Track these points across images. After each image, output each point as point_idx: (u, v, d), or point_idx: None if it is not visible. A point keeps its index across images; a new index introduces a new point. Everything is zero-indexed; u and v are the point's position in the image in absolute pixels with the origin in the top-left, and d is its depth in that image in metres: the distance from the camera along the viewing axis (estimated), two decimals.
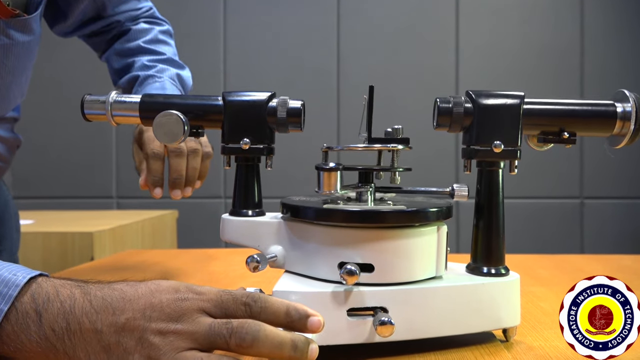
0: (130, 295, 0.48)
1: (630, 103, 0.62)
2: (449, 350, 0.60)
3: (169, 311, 0.47)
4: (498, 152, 0.61)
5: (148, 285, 0.49)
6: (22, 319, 0.46)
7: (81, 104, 0.71)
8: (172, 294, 0.48)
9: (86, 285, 0.49)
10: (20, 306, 0.46)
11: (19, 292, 0.46)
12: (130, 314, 0.46)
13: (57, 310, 0.46)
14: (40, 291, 0.47)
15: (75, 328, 0.46)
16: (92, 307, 0.47)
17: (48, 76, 2.32)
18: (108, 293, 0.48)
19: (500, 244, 0.63)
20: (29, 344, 0.46)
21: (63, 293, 0.47)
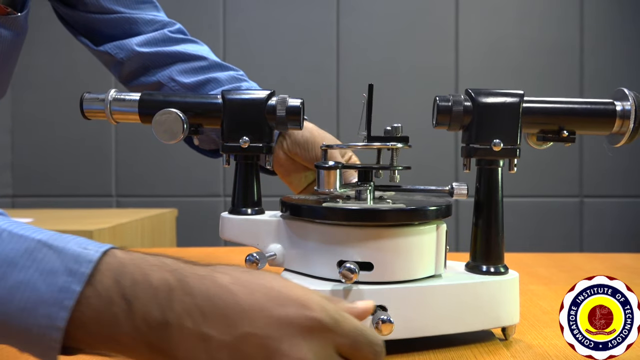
0: (245, 302, 0.40)
1: (630, 101, 0.62)
2: (448, 348, 0.60)
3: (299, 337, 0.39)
4: (497, 151, 0.61)
5: (266, 288, 0.41)
6: (106, 305, 0.39)
7: (80, 101, 0.71)
8: (302, 310, 0.40)
9: (179, 271, 0.41)
10: (104, 292, 0.39)
11: (95, 270, 0.39)
12: (249, 327, 0.39)
13: (150, 299, 0.39)
14: (124, 272, 0.40)
15: (175, 325, 0.39)
16: (195, 305, 0.39)
17: (48, 75, 2.32)
18: (214, 292, 0.40)
19: (500, 242, 0.63)
20: (117, 336, 0.39)
21: (154, 277, 0.40)
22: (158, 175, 2.31)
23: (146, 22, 0.91)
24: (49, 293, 0.38)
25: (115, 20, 0.90)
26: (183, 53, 0.89)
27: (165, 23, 0.93)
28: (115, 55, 0.90)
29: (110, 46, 0.90)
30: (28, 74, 2.25)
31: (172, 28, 0.92)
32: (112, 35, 0.91)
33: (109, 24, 0.90)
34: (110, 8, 0.89)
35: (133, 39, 0.89)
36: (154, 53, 0.89)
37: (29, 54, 0.86)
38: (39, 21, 0.90)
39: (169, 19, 0.95)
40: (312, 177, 0.82)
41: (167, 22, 0.93)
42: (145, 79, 0.89)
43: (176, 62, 0.89)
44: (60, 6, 0.91)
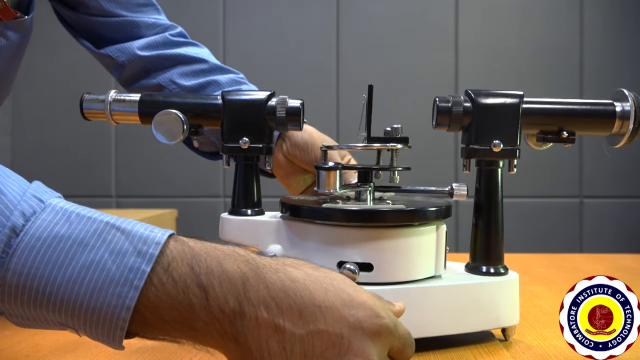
0: (319, 299, 0.42)
1: (629, 102, 0.62)
2: (448, 349, 0.60)
3: (368, 339, 0.42)
4: (497, 152, 0.61)
5: (337, 290, 0.43)
6: (182, 292, 0.39)
7: (80, 102, 0.71)
8: (371, 315, 0.43)
9: (254, 261, 0.43)
10: (178, 277, 0.39)
11: (169, 256, 0.40)
12: (322, 324, 0.41)
13: (227, 288, 0.40)
14: (198, 260, 0.40)
15: (251, 315, 0.40)
16: (272, 297, 0.41)
17: (47, 75, 2.32)
18: (289, 286, 0.42)
19: (500, 243, 0.63)
20: (192, 322, 0.40)
21: (229, 267, 0.41)
22: (158, 176, 2.31)
23: (148, 26, 0.91)
24: (119, 273, 0.39)
25: (117, 24, 0.90)
26: (184, 55, 0.89)
27: (166, 26, 0.93)
28: (117, 58, 0.89)
29: (112, 49, 0.90)
30: (28, 74, 2.25)
31: (173, 31, 0.92)
32: (113, 39, 0.91)
33: (110, 27, 0.90)
34: (112, 11, 0.89)
35: (135, 43, 0.89)
36: (154, 56, 0.89)
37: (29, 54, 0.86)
38: (39, 21, 0.90)
39: (170, 22, 0.95)
40: (311, 180, 0.82)
41: (169, 26, 0.93)
42: (146, 82, 0.89)
43: (177, 65, 0.89)
44: (62, 8, 0.91)
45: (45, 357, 0.57)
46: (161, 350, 0.59)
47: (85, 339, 0.63)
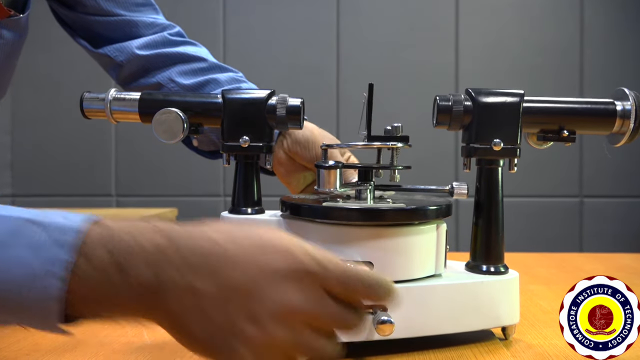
0: (230, 252, 0.41)
1: (630, 101, 0.62)
2: (448, 348, 0.60)
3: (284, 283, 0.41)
4: (497, 150, 0.61)
5: (249, 237, 0.43)
6: (101, 275, 0.40)
7: (80, 101, 0.71)
8: (285, 256, 0.42)
9: (168, 230, 0.42)
10: (97, 260, 0.40)
11: (87, 242, 0.40)
12: (235, 277, 0.41)
13: (143, 263, 0.41)
14: (115, 242, 0.41)
15: (167, 283, 0.41)
16: (182, 260, 0.41)
17: (47, 75, 2.32)
18: (202, 246, 0.41)
19: (500, 242, 0.63)
20: (116, 301, 0.41)
21: (144, 242, 0.41)
22: (158, 175, 2.31)
23: (146, 25, 0.91)
24: (41, 266, 0.39)
25: (115, 23, 0.90)
26: (182, 54, 0.89)
27: (165, 26, 0.93)
28: (115, 57, 0.89)
29: (110, 49, 0.89)
30: (28, 74, 2.25)
31: (171, 31, 0.92)
32: (111, 38, 0.90)
33: (108, 27, 0.90)
34: (110, 10, 0.89)
35: (133, 42, 0.89)
36: (153, 55, 0.88)
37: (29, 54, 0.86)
38: (38, 21, 0.90)
39: (168, 21, 0.94)
40: (311, 178, 0.82)
41: (167, 25, 0.93)
42: (145, 81, 0.89)
43: (176, 64, 0.88)
44: (60, 7, 0.91)
45: (44, 356, 0.57)
46: (161, 350, 0.59)
47: (84, 338, 0.63)
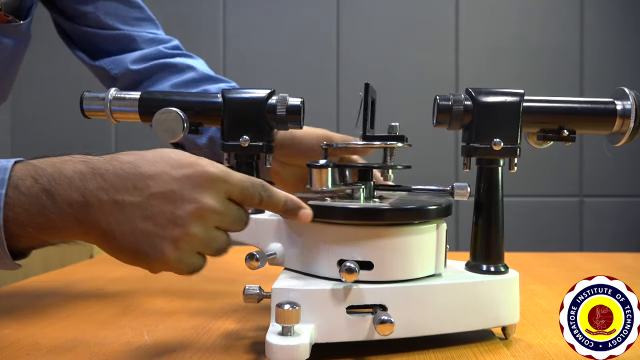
0: (148, 170, 0.49)
1: (630, 100, 0.62)
2: (448, 347, 0.60)
3: (197, 187, 0.49)
4: (497, 150, 0.61)
5: (164, 158, 0.50)
6: (32, 200, 0.46)
7: (80, 100, 0.71)
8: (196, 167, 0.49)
9: (89, 160, 0.49)
10: (26, 190, 0.46)
11: (14, 177, 0.47)
12: (155, 188, 0.48)
13: (67, 186, 0.47)
14: (40, 172, 0.47)
15: (93, 201, 0.47)
16: (106, 182, 0.48)
17: (47, 75, 2.32)
18: (120, 168, 0.48)
19: (500, 241, 0.63)
20: (49, 223, 0.47)
21: (66, 169, 0.48)
22: None
23: (145, 41, 0.93)
24: None
25: (114, 37, 0.91)
26: (172, 64, 0.90)
27: (162, 40, 0.94)
28: (110, 70, 0.91)
29: (106, 61, 0.91)
30: (28, 74, 2.25)
31: (167, 44, 0.93)
32: (109, 51, 0.92)
33: (107, 40, 0.91)
34: (110, 24, 0.90)
35: (128, 56, 0.91)
36: (145, 68, 0.90)
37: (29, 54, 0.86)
38: (38, 21, 0.90)
39: (168, 36, 0.96)
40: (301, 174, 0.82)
41: (165, 40, 0.95)
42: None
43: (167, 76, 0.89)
44: (61, 19, 0.92)
45: (44, 355, 0.57)
46: (161, 350, 0.59)
47: (84, 338, 0.63)
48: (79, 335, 0.64)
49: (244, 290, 0.59)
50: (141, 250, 0.48)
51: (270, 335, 0.52)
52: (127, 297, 0.82)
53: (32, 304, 0.78)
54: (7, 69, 0.82)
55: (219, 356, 0.57)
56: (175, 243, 0.48)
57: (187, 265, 0.50)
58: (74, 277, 0.97)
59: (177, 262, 0.49)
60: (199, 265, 0.51)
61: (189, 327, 0.67)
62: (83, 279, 0.95)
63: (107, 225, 0.47)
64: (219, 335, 0.64)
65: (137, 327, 0.67)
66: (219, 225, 0.51)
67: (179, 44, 0.95)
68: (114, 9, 0.90)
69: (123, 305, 0.78)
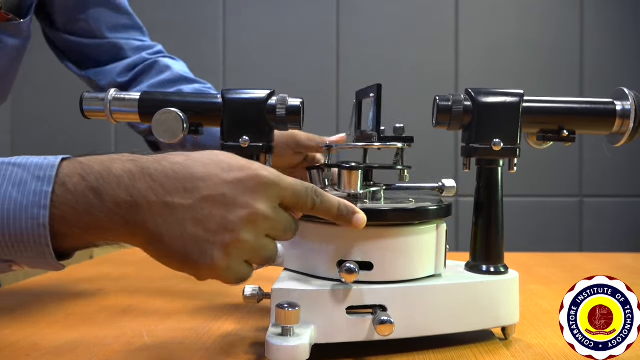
0: (199, 172, 0.47)
1: (630, 101, 0.62)
2: (448, 348, 0.60)
3: (249, 192, 0.47)
4: (497, 150, 0.61)
5: (215, 160, 0.48)
6: (79, 198, 0.45)
7: (80, 101, 0.71)
8: (248, 171, 0.48)
9: (138, 159, 0.47)
10: (73, 187, 0.45)
11: (61, 173, 0.45)
12: (206, 191, 0.46)
13: (116, 185, 0.45)
14: (87, 169, 0.46)
15: (142, 202, 0.45)
16: (155, 183, 0.46)
17: (47, 75, 2.32)
18: (171, 169, 0.47)
19: (500, 242, 0.63)
20: (96, 222, 0.45)
21: (115, 168, 0.46)
22: None
23: (132, 49, 0.94)
24: (26, 199, 0.44)
25: (102, 46, 0.93)
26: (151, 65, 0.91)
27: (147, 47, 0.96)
28: (98, 81, 0.93)
29: (93, 72, 0.93)
30: (28, 74, 2.25)
31: (150, 51, 0.95)
32: (98, 61, 0.94)
33: (96, 49, 0.93)
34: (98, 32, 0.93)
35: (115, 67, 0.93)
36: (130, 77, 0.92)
37: (29, 54, 0.86)
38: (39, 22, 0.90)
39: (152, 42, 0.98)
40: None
41: (150, 46, 0.96)
42: None
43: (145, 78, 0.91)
44: (51, 30, 0.94)
45: (44, 356, 0.57)
46: (161, 350, 0.59)
47: (83, 338, 0.63)
48: (79, 336, 0.64)
49: (244, 291, 0.59)
50: (190, 255, 0.46)
51: (270, 336, 0.52)
52: (127, 297, 0.82)
53: (32, 304, 0.78)
54: (8, 69, 0.82)
55: (219, 357, 0.57)
56: (225, 249, 0.46)
57: (235, 273, 0.48)
58: (74, 277, 0.97)
59: (225, 270, 0.47)
60: (247, 274, 0.49)
61: (188, 327, 0.67)
62: (83, 279, 0.95)
63: (155, 228, 0.46)
64: (219, 335, 0.64)
65: (137, 327, 0.67)
66: (270, 233, 0.49)
67: (162, 49, 0.98)
68: (103, 16, 0.92)
69: (123, 306, 0.78)
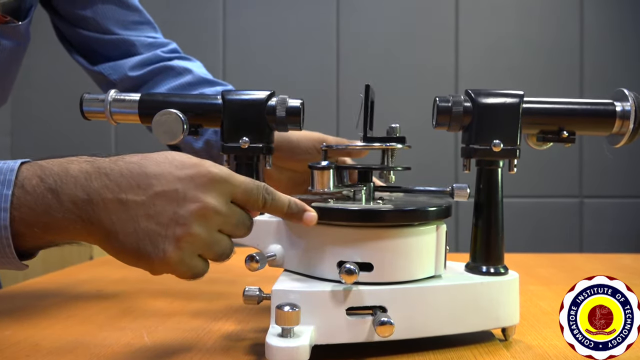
0: (152, 170, 0.49)
1: (630, 102, 0.62)
2: (448, 349, 0.60)
3: (200, 188, 0.49)
4: (497, 151, 0.61)
5: (169, 159, 0.50)
6: (38, 199, 0.47)
7: (80, 102, 0.71)
8: (200, 168, 0.50)
9: (94, 160, 0.49)
10: (32, 189, 0.47)
11: (21, 177, 0.47)
12: (158, 187, 0.48)
13: (72, 185, 0.47)
14: (46, 171, 0.48)
15: (97, 200, 0.47)
16: (110, 181, 0.48)
17: (47, 75, 2.32)
18: (126, 168, 0.49)
19: (500, 243, 0.63)
20: (54, 221, 0.47)
21: (72, 169, 0.48)
22: None
23: (144, 45, 0.93)
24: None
25: (114, 42, 0.91)
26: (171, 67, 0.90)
27: (161, 44, 0.94)
28: (109, 76, 0.91)
29: (105, 67, 0.92)
30: (28, 74, 2.25)
31: (165, 48, 0.93)
32: (108, 56, 0.92)
33: (107, 45, 0.91)
34: (109, 29, 0.90)
35: (127, 62, 0.91)
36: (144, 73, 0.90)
37: (29, 54, 0.86)
38: (39, 22, 0.90)
39: (166, 39, 0.96)
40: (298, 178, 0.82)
41: (164, 43, 0.95)
42: None
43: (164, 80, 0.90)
44: (62, 23, 0.92)
45: (44, 357, 0.57)
46: (161, 351, 0.59)
47: (84, 339, 0.63)
48: (79, 337, 0.64)
49: (243, 292, 0.59)
50: (143, 249, 0.48)
51: (270, 337, 0.52)
52: (127, 298, 0.82)
53: (33, 305, 0.78)
54: (6, 71, 0.82)
55: (219, 358, 0.57)
56: (177, 242, 0.48)
57: (189, 267, 0.50)
58: (74, 278, 0.97)
59: (178, 263, 0.49)
60: (201, 269, 0.51)
61: (189, 328, 0.67)
62: (83, 280, 0.95)
63: (110, 225, 0.47)
64: (219, 336, 0.64)
65: (137, 328, 0.67)
66: (222, 228, 0.51)
67: (177, 47, 0.95)
68: (112, 13, 0.90)
69: (123, 306, 0.78)
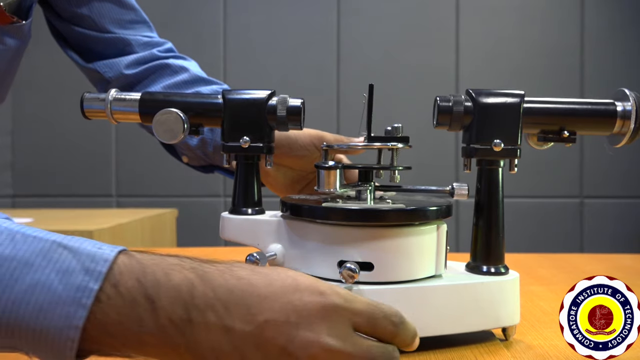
0: (264, 291, 0.41)
1: (630, 102, 0.62)
2: (449, 349, 0.60)
3: (317, 320, 0.41)
4: (498, 151, 0.61)
5: (282, 278, 0.43)
6: (130, 306, 0.39)
7: (81, 101, 0.71)
8: (316, 295, 0.42)
9: (200, 267, 0.43)
10: (126, 292, 0.39)
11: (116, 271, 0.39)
12: (269, 314, 0.41)
13: (173, 298, 0.40)
14: (145, 272, 0.40)
15: (199, 321, 0.40)
16: (217, 299, 0.40)
17: (47, 75, 2.32)
18: (233, 283, 0.41)
19: (500, 242, 0.63)
20: (141, 336, 0.39)
21: (175, 276, 0.41)
22: (158, 175, 2.31)
23: (140, 44, 0.92)
24: (66, 292, 0.38)
25: (109, 40, 0.91)
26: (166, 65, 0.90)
27: (156, 43, 0.94)
28: (104, 73, 0.91)
29: (100, 64, 0.91)
30: (28, 74, 2.25)
31: (161, 47, 0.93)
32: (103, 54, 0.92)
33: (102, 43, 0.91)
34: (104, 27, 0.90)
35: (123, 60, 0.90)
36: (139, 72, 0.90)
37: (29, 54, 0.86)
38: (38, 21, 0.90)
39: (162, 39, 0.96)
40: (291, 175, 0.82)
41: (159, 42, 0.95)
42: None
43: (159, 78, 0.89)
44: (56, 19, 0.92)
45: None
46: None
47: None
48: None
49: None
50: None
51: None
52: None
53: None
54: (9, 69, 0.82)
55: None
56: None
57: None
58: None
59: None
60: None
61: None
62: None
63: (210, 354, 0.40)
64: None
65: None
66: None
67: (172, 47, 0.95)
68: (108, 11, 0.90)
69: None
